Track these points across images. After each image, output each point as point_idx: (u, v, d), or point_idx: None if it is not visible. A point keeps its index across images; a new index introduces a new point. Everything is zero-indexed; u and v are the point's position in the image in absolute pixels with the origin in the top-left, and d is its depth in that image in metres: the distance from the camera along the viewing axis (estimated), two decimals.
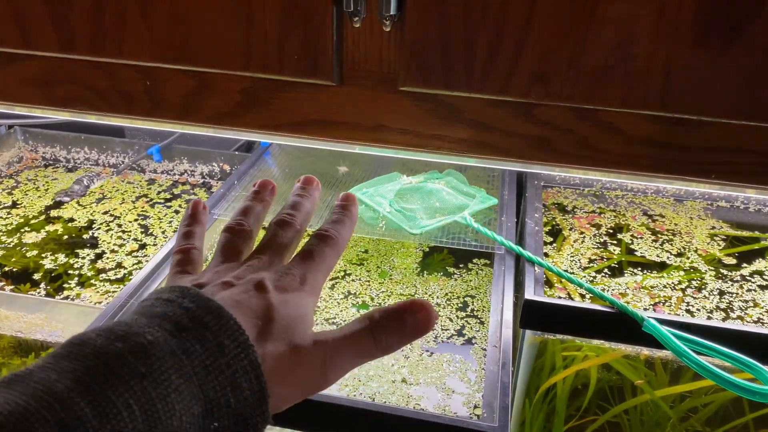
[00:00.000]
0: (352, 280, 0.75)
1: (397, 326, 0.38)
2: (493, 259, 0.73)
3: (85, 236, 0.85)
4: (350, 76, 0.55)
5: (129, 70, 0.59)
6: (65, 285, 0.74)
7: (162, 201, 0.94)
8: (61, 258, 0.80)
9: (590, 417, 0.71)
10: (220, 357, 0.33)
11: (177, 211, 0.91)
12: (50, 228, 0.86)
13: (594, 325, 0.61)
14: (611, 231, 0.83)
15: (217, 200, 0.83)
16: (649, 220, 0.85)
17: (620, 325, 0.60)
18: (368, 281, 0.75)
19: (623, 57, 0.47)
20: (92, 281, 0.75)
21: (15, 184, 0.98)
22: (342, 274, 0.76)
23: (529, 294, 0.62)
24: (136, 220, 0.89)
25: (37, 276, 0.76)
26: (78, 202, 0.93)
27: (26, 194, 0.95)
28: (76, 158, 1.04)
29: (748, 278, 0.74)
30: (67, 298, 0.72)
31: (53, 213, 0.90)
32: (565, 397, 0.68)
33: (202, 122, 0.59)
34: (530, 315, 0.62)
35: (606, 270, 0.74)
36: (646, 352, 0.64)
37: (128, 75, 0.59)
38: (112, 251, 0.81)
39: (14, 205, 0.92)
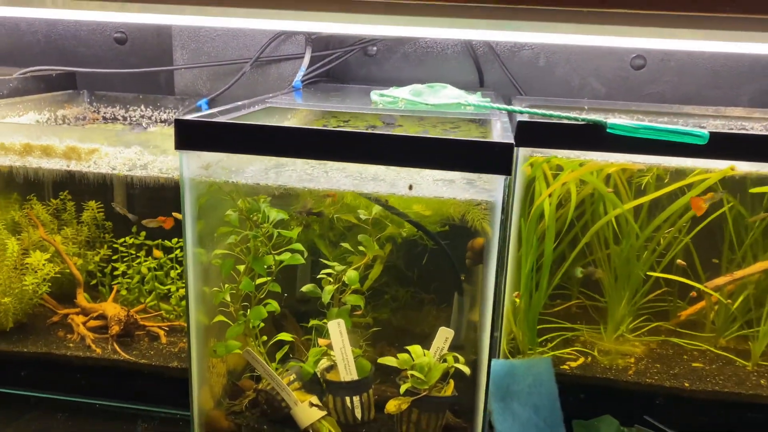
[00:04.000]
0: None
1: None
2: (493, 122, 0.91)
3: None
4: None
5: None
6: None
7: None
8: None
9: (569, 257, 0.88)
10: None
11: None
12: None
13: (571, 136, 0.80)
14: None
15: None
16: None
17: (591, 132, 0.79)
18: None
19: None
20: None
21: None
22: None
23: (522, 118, 0.82)
24: None
25: None
26: None
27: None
28: (132, 116, 1.24)
29: None
30: None
31: None
32: (552, 211, 0.85)
33: None
34: (523, 133, 0.81)
35: None
36: (612, 160, 0.83)
37: None
38: None
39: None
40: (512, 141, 0.67)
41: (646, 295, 0.95)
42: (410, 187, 0.70)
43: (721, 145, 0.76)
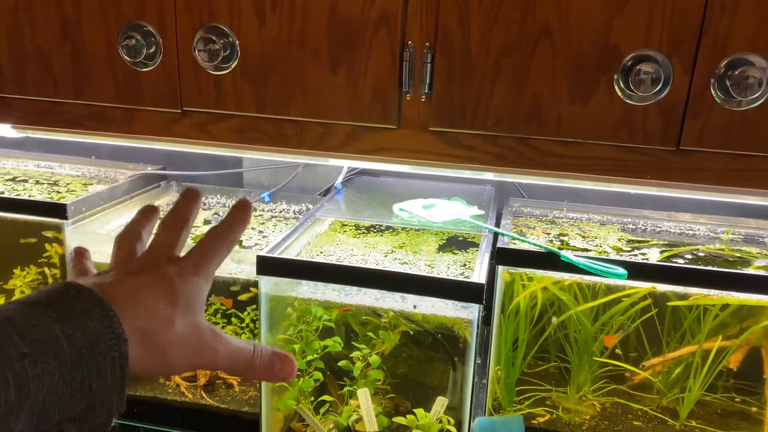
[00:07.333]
0: (395, 258, 1.25)
1: (268, 364, 0.50)
2: (481, 241, 1.23)
3: None
4: (404, 123, 1.08)
5: (288, 123, 1.12)
6: None
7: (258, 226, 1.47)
8: None
9: (536, 344, 1.18)
10: (95, 346, 0.39)
11: (262, 231, 1.43)
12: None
13: (535, 260, 1.10)
14: (555, 235, 1.33)
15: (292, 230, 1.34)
16: (581, 231, 1.36)
17: (549, 258, 1.09)
18: (406, 255, 1.24)
19: (537, 113, 1.01)
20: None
21: None
22: (391, 251, 1.26)
23: (501, 244, 1.12)
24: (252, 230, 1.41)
25: None
26: None
27: None
28: (210, 203, 1.58)
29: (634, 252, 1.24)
30: None
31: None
32: (525, 310, 1.15)
33: (324, 150, 1.12)
34: (501, 256, 1.11)
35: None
36: (567, 278, 1.12)
37: (287, 125, 1.13)
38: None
39: None
40: (484, 281, 0.98)
41: (603, 366, 1.24)
42: (414, 306, 1.02)
43: (641, 274, 1.05)
